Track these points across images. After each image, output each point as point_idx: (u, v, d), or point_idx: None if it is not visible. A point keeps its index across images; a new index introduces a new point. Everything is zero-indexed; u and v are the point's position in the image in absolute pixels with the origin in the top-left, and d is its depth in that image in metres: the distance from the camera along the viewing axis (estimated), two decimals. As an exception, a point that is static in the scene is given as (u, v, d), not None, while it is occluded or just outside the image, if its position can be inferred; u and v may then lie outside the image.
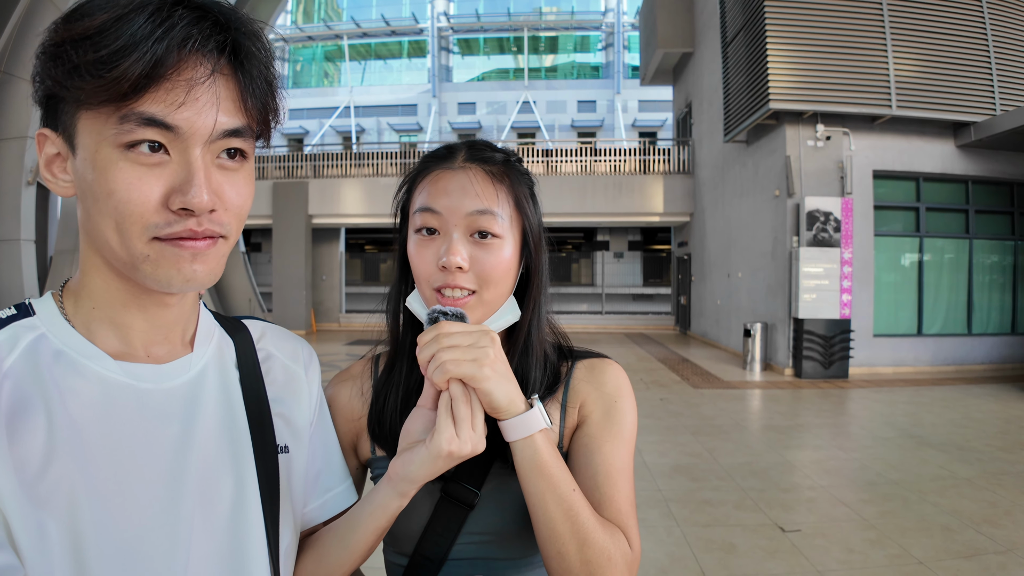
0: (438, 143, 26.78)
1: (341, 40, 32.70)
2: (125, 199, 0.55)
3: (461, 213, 0.81)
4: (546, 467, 0.74)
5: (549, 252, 0.94)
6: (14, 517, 0.53)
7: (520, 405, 0.75)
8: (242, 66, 0.59)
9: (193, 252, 0.59)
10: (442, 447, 0.70)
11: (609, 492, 0.82)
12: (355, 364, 1.00)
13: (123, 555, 0.57)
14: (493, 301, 0.84)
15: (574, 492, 0.75)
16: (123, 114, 0.54)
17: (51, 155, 0.60)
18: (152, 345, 0.66)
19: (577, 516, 0.74)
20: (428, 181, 0.85)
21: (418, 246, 0.84)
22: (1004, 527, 3.77)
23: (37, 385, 0.58)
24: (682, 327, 16.91)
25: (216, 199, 0.59)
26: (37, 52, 0.56)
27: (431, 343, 0.72)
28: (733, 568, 3.28)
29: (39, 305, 0.64)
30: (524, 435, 0.74)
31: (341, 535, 0.79)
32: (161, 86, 0.54)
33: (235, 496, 0.67)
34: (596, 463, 0.84)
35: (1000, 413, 7.05)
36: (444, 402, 0.72)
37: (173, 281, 0.59)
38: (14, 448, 0.54)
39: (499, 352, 0.74)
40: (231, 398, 0.71)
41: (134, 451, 0.60)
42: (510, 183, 0.86)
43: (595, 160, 17.25)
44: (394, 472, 0.74)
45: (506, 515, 0.85)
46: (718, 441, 5.84)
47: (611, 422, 0.87)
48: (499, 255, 0.82)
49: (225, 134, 0.59)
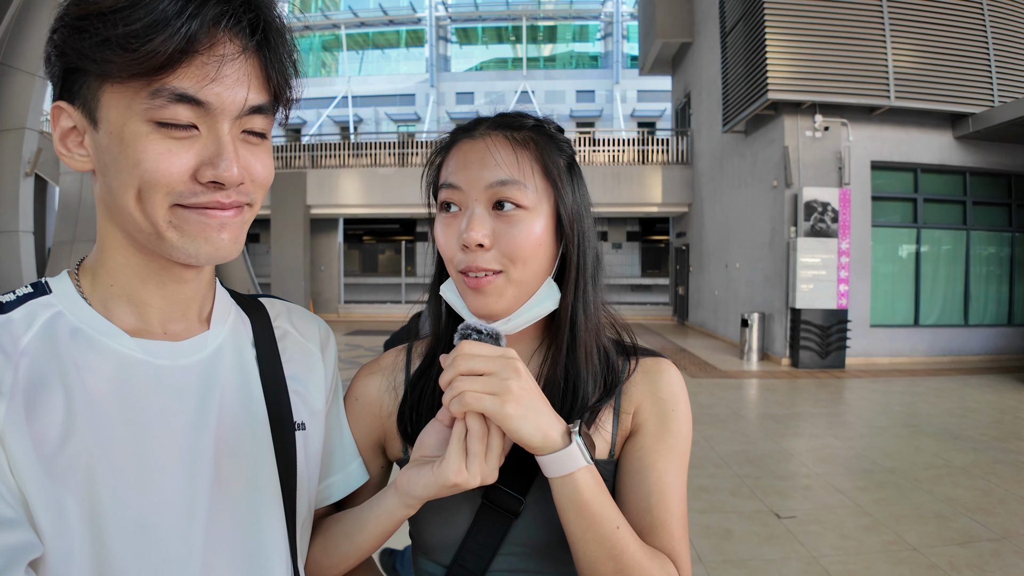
0: (436, 133, 26.68)
1: (339, 30, 32.46)
2: (153, 168, 0.56)
3: (481, 185, 0.74)
4: (588, 507, 0.68)
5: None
6: (33, 495, 0.53)
7: (556, 440, 0.67)
8: (268, 43, 0.60)
9: (221, 221, 0.60)
10: (448, 478, 0.66)
11: (662, 516, 0.75)
12: (386, 355, 0.92)
13: (141, 530, 0.58)
14: (525, 282, 0.75)
15: (619, 530, 0.69)
16: (154, 88, 0.54)
17: (66, 128, 0.60)
18: (169, 322, 0.67)
19: (621, 555, 0.69)
20: (452, 154, 0.79)
21: (442, 225, 0.77)
22: (997, 515, 3.81)
23: (55, 362, 0.58)
24: (680, 317, 16.94)
25: (245, 172, 0.60)
26: (54, 26, 0.56)
27: (449, 367, 0.66)
28: (729, 553, 3.32)
29: (55, 283, 0.64)
30: (562, 473, 0.68)
31: (348, 531, 0.78)
32: (193, 62, 0.55)
33: (252, 472, 0.68)
34: (650, 482, 0.77)
35: (995, 403, 7.10)
36: (458, 432, 0.67)
37: (201, 250, 0.60)
38: (32, 424, 0.55)
39: (526, 383, 0.66)
40: (248, 375, 0.72)
41: (151, 427, 0.61)
42: (536, 150, 0.77)
43: (593, 150, 17.22)
44: (400, 485, 0.71)
45: (553, 527, 0.77)
46: (715, 429, 5.88)
47: (666, 432, 0.80)
48: (525, 228, 0.73)
49: (251, 110, 0.60)
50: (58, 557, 0.54)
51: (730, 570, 3.15)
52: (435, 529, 0.81)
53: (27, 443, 0.54)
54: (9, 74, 9.25)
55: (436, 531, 0.81)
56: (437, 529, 0.80)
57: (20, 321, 0.60)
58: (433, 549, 0.82)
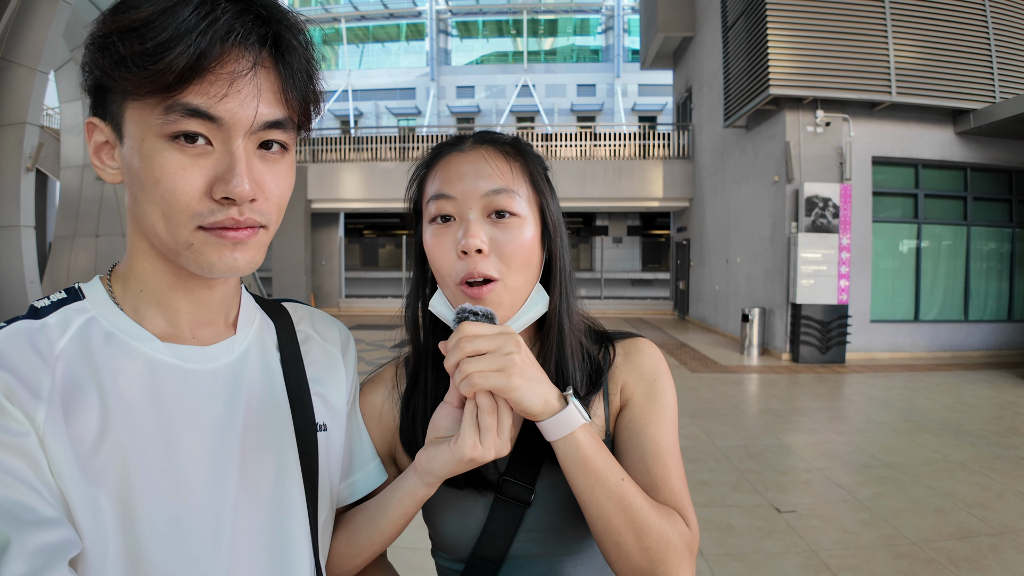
0: (436, 127, 26.43)
1: (339, 23, 32.38)
2: (171, 188, 0.57)
3: (477, 195, 0.77)
4: (591, 462, 0.72)
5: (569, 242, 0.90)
6: (72, 494, 0.55)
7: (555, 404, 0.72)
8: (283, 58, 0.61)
9: (235, 242, 0.61)
10: (465, 453, 0.69)
11: (660, 473, 0.80)
12: (386, 368, 0.95)
13: (172, 528, 0.60)
14: (519, 288, 0.80)
15: (624, 481, 0.73)
16: (168, 105, 0.56)
17: (100, 143, 0.62)
18: (198, 327, 0.69)
19: (630, 505, 0.72)
20: (440, 168, 0.82)
21: (435, 236, 0.80)
22: (996, 510, 3.84)
23: (89, 366, 0.60)
24: (680, 312, 16.95)
25: (257, 188, 0.61)
26: (86, 43, 0.58)
27: (454, 350, 0.69)
28: (730, 547, 3.35)
29: (88, 289, 0.66)
30: (563, 434, 0.72)
31: (371, 517, 0.80)
32: (205, 78, 0.56)
33: (277, 472, 0.70)
34: (644, 445, 0.82)
35: (995, 398, 7.13)
36: (469, 410, 0.70)
37: (215, 267, 0.61)
38: (70, 426, 0.57)
39: (526, 355, 0.70)
40: (272, 378, 0.74)
41: (181, 429, 0.63)
42: (524, 161, 0.83)
43: (594, 144, 17.21)
44: (419, 464, 0.74)
45: (563, 509, 0.83)
46: (715, 424, 5.91)
47: (653, 401, 0.85)
48: (520, 235, 0.78)
49: (266, 125, 0.61)
50: (95, 554, 0.56)
51: (731, 564, 3.18)
52: (453, 528, 0.84)
53: (66, 445, 0.56)
54: (10, 69, 9.23)
55: (454, 530, 0.84)
56: (455, 528, 0.84)
57: (55, 326, 0.62)
58: (453, 547, 0.85)
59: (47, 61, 9.53)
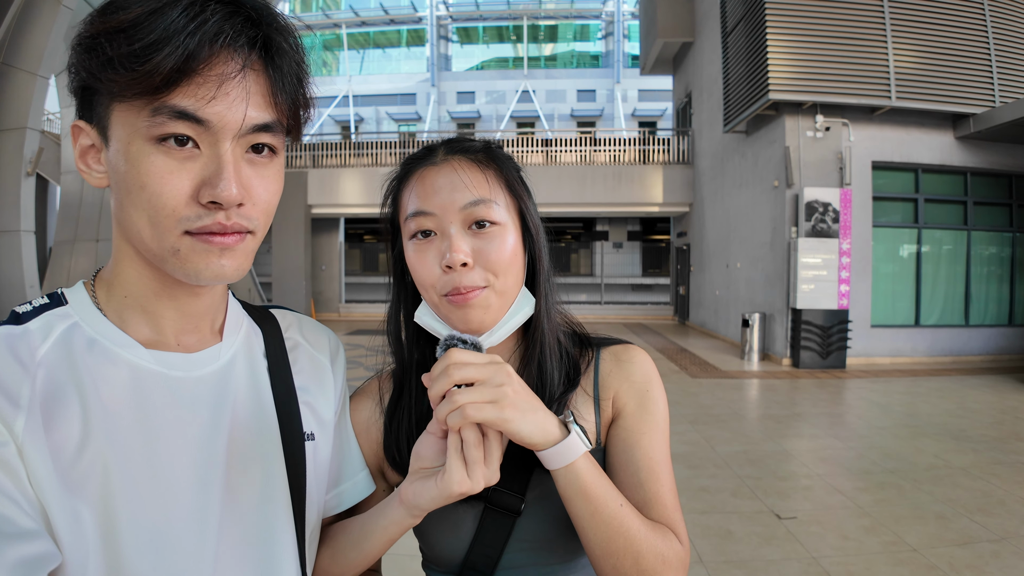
0: (437, 133, 26.53)
1: (340, 29, 32.48)
2: (157, 192, 0.56)
3: (455, 208, 0.76)
4: (590, 490, 0.70)
5: (548, 242, 0.89)
6: (52, 505, 0.54)
7: (555, 432, 0.70)
8: (273, 61, 0.59)
9: (222, 247, 0.59)
10: (453, 489, 0.67)
11: (654, 489, 0.79)
12: (371, 382, 0.94)
13: (154, 540, 0.58)
14: (507, 291, 0.79)
15: (622, 507, 0.72)
16: (155, 107, 0.55)
17: (85, 146, 0.61)
18: (183, 334, 0.67)
19: (628, 531, 0.71)
20: (414, 182, 0.80)
21: (416, 252, 0.79)
22: (998, 516, 3.82)
23: (71, 373, 0.59)
24: (681, 317, 16.94)
25: (244, 193, 0.59)
26: (72, 43, 0.57)
27: (441, 377, 0.66)
28: (730, 554, 3.33)
29: (71, 294, 0.65)
30: (564, 463, 0.70)
31: (355, 540, 0.79)
32: (192, 80, 0.55)
33: (263, 482, 0.68)
34: (637, 458, 0.80)
35: (996, 404, 7.10)
36: (454, 443, 0.67)
37: (202, 274, 0.60)
38: (50, 435, 0.55)
39: (518, 385, 0.69)
40: (259, 386, 0.72)
41: (165, 437, 0.62)
42: (497, 167, 0.81)
43: (594, 150, 17.21)
44: (405, 499, 0.72)
45: (554, 518, 0.81)
46: (716, 430, 5.89)
47: (646, 412, 0.84)
48: (503, 243, 0.77)
49: (254, 128, 0.59)
50: (75, 567, 0.55)
51: (731, 570, 3.15)
52: (443, 540, 0.83)
53: (45, 454, 0.55)
54: (10, 74, 9.26)
55: (444, 542, 0.83)
56: (445, 540, 0.83)
57: (37, 332, 0.60)
58: (443, 559, 0.84)
59: (47, 66, 9.57)
